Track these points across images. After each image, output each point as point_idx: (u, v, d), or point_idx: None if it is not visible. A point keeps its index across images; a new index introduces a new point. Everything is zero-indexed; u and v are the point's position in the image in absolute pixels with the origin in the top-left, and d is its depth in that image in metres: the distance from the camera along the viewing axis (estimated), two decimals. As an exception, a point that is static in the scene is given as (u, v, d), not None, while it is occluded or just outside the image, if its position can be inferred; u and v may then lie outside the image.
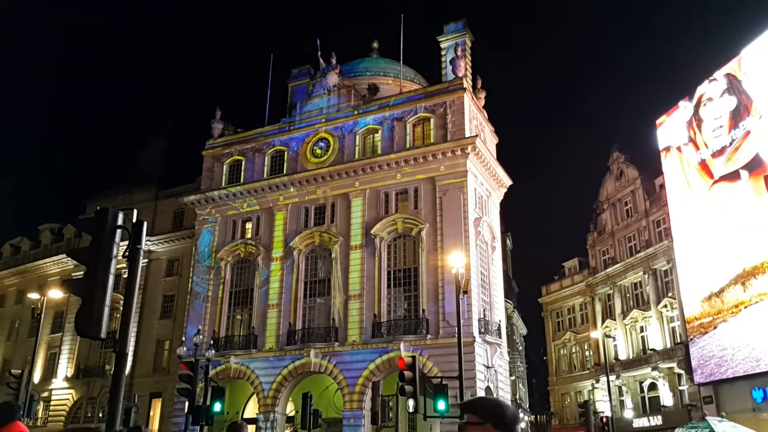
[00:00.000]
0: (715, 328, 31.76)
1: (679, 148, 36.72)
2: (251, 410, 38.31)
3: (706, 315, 32.63)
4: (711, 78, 34.07)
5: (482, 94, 41.53)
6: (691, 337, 34.10)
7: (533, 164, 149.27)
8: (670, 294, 41.51)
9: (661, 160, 38.83)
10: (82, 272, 7.05)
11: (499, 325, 36.43)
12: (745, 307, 29.71)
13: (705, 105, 34.43)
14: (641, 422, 43.05)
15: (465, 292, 22.41)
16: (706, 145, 34.04)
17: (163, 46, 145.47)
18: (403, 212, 36.80)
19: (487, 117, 41.86)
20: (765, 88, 30.50)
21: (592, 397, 46.92)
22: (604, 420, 31.49)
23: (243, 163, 42.99)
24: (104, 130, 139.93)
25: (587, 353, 52.65)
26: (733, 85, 32.43)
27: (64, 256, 49.08)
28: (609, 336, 44.01)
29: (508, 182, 41.65)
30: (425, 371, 30.18)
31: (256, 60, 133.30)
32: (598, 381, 47.64)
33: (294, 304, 37.74)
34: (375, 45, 49.21)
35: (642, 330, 44.84)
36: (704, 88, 34.58)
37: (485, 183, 39.09)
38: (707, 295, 32.62)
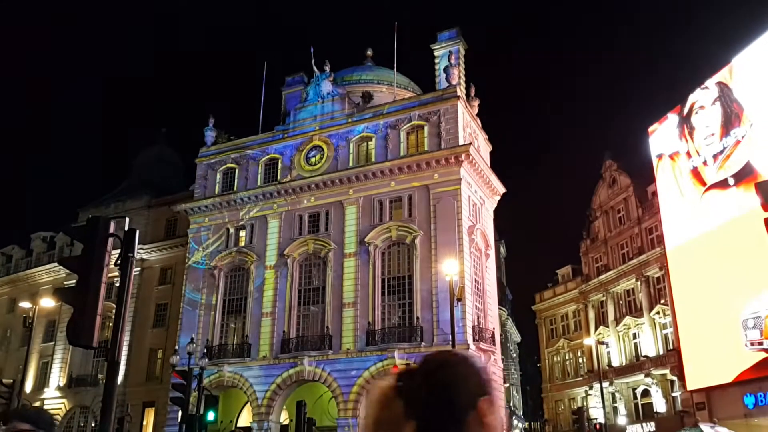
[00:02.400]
0: (708, 337, 31.84)
1: (671, 156, 36.92)
2: (245, 419, 38.16)
3: (698, 321, 32.73)
4: (703, 86, 34.30)
5: (476, 102, 41.68)
6: (684, 347, 34.18)
7: (527, 172, 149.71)
8: (662, 301, 41.62)
9: (653, 168, 39.01)
10: (74, 281, 7.05)
11: (493, 332, 36.46)
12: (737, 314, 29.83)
13: (697, 113, 34.65)
14: (634, 429, 43.04)
15: (459, 300, 22.48)
16: (698, 152, 34.23)
17: (156, 54, 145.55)
18: (397, 220, 36.85)
19: (480, 125, 42.01)
20: (756, 96, 30.75)
21: (585, 403, 46.90)
22: (598, 426, 31.55)
23: (236, 171, 42.97)
24: (97, 138, 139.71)
25: (580, 360, 52.67)
26: (725, 93, 32.67)
27: (57, 264, 48.85)
28: (602, 343, 44.05)
29: (502, 190, 41.78)
30: (419, 379, 30.14)
31: (250, 68, 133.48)
32: (591, 388, 47.64)
33: (288, 312, 37.67)
34: (369, 53, 49.40)
35: (635, 337, 44.92)
36: (696, 96, 34.81)
37: (479, 191, 39.19)
38: (700, 300, 32.72)
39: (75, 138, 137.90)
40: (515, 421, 60.44)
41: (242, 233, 41.59)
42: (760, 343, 28.48)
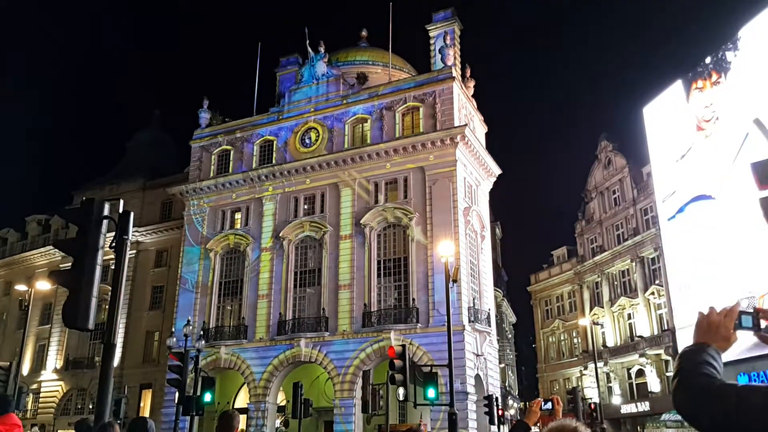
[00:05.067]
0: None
1: (665, 134, 36.85)
2: (242, 400, 38.37)
3: (693, 302, 32.87)
4: (701, 63, 34.18)
5: (471, 83, 41.48)
6: (679, 327, 34.35)
7: (523, 153, 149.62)
8: (657, 281, 41.83)
9: (648, 149, 38.95)
10: (69, 263, 7.02)
11: (489, 313, 36.61)
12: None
13: (696, 91, 34.55)
14: (629, 408, 43.50)
15: (454, 281, 22.47)
16: (694, 130, 34.16)
17: (149, 36, 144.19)
18: (392, 202, 36.81)
19: (476, 106, 41.84)
20: (755, 72, 30.61)
21: (580, 383, 47.33)
22: (593, 406, 31.76)
23: (231, 153, 42.78)
24: (92, 120, 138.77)
25: (575, 340, 53.07)
26: (724, 69, 32.55)
27: (52, 247, 48.79)
28: (597, 323, 44.34)
29: (498, 171, 41.71)
30: (415, 360, 30.37)
31: (244, 49, 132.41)
32: (586, 368, 48.06)
33: (284, 294, 37.73)
34: (364, 33, 48.97)
35: (629, 317, 45.21)
36: (694, 74, 34.70)
37: (474, 172, 39.13)
38: (695, 280, 32.83)
39: (68, 120, 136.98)
40: (510, 401, 60.97)
41: (237, 215, 41.52)
42: (754, 323, 28.66)
